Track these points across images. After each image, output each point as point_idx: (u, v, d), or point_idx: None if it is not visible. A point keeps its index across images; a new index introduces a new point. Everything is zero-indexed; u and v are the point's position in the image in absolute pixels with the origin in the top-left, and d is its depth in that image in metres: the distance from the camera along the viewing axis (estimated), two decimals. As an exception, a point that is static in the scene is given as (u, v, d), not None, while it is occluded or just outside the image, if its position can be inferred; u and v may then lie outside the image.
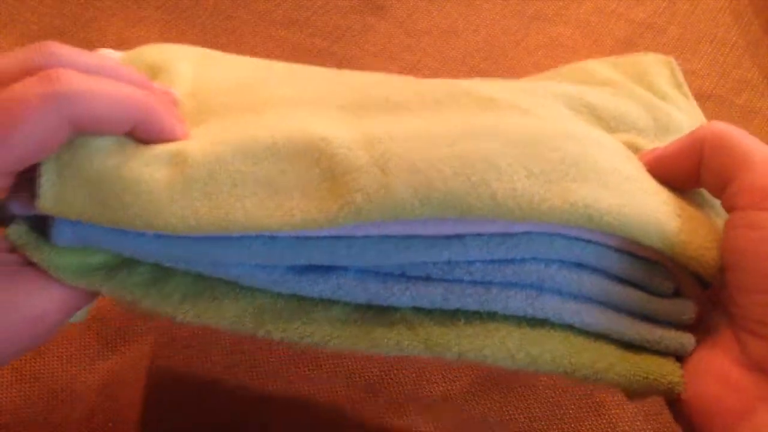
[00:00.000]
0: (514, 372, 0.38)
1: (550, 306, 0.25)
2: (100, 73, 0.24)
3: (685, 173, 0.26)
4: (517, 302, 0.25)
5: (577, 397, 0.37)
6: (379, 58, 0.52)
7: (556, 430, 0.37)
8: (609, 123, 0.30)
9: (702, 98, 0.51)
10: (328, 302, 0.26)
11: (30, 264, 0.25)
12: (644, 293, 0.26)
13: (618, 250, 0.26)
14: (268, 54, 0.51)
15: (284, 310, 0.26)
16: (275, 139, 0.25)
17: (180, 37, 0.51)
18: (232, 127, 0.26)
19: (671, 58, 0.34)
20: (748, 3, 0.57)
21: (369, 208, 0.23)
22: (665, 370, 0.25)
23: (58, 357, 0.37)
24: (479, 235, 0.25)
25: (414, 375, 0.38)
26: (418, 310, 0.26)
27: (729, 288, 0.24)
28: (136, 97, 0.24)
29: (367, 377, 0.37)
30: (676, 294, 0.26)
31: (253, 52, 0.51)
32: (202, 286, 0.26)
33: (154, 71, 0.29)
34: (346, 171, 0.23)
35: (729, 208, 0.25)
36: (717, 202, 0.26)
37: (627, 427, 0.37)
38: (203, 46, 0.52)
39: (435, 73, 0.51)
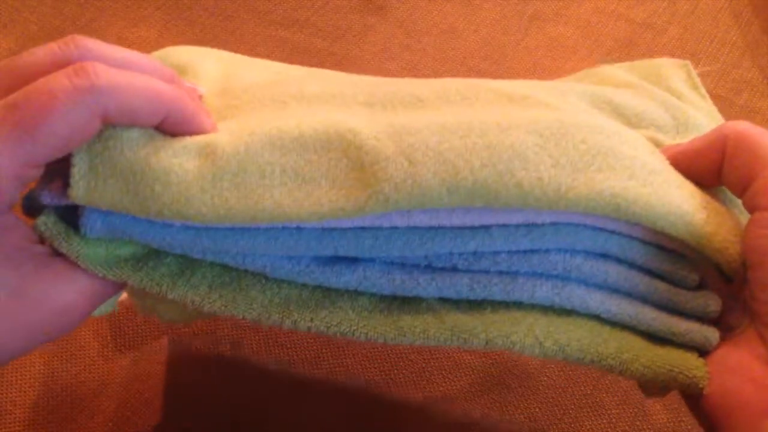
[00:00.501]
0: (518, 370, 0.38)
1: (576, 296, 0.26)
2: (130, 68, 0.24)
3: (707, 170, 0.27)
4: (544, 292, 0.25)
5: (577, 397, 0.37)
6: (379, 58, 0.52)
7: (556, 430, 0.37)
8: (630, 120, 0.30)
9: (702, 98, 0.51)
10: (354, 292, 0.26)
11: (58, 255, 0.25)
12: (669, 285, 0.26)
13: (643, 241, 0.26)
14: (268, 54, 0.51)
15: (310, 300, 0.26)
16: (302, 130, 0.25)
17: (180, 37, 0.51)
18: (260, 120, 0.26)
19: (687, 62, 0.34)
20: (747, 3, 0.57)
21: (397, 197, 0.23)
22: (690, 364, 0.25)
23: (58, 357, 0.37)
24: (505, 225, 0.25)
25: (414, 375, 0.38)
26: (444, 300, 0.26)
27: (751, 286, 0.25)
28: (166, 91, 0.24)
29: (367, 377, 0.37)
30: (700, 287, 0.27)
31: (253, 52, 0.51)
32: (229, 277, 0.26)
33: (180, 72, 0.29)
34: (374, 161, 0.24)
35: (750, 208, 0.25)
36: (739, 201, 0.27)
37: (627, 427, 0.37)
38: (203, 46, 0.52)
39: (435, 73, 0.51)
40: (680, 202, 0.25)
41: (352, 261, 0.26)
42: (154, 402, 0.37)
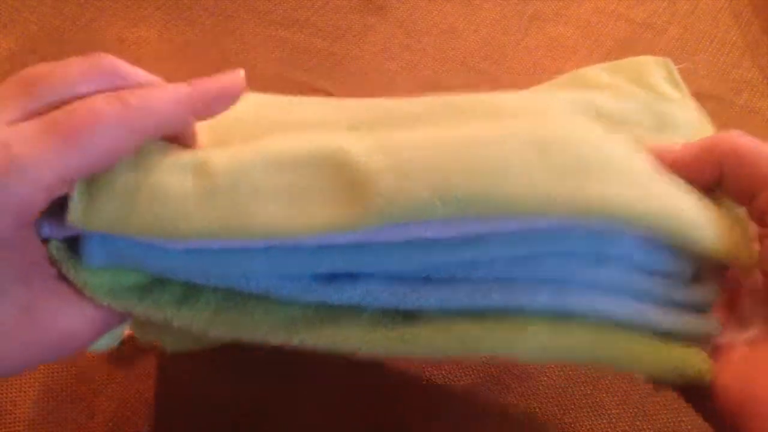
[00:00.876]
0: (518, 370, 0.38)
1: (576, 299, 0.26)
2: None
3: (700, 182, 0.27)
4: (544, 297, 0.26)
5: (577, 397, 0.37)
6: (379, 58, 0.52)
7: (556, 430, 0.37)
8: (614, 121, 0.30)
9: (702, 98, 0.51)
10: (358, 309, 0.26)
11: (66, 279, 0.25)
12: (667, 280, 0.27)
13: (637, 240, 0.26)
14: (268, 54, 0.51)
15: (315, 318, 0.26)
16: (295, 149, 0.25)
17: (180, 37, 0.51)
18: (253, 143, 0.27)
19: (667, 59, 0.34)
20: (747, 3, 0.57)
21: (390, 210, 0.23)
22: (694, 359, 0.25)
23: (58, 357, 0.37)
24: (500, 233, 0.25)
25: (414, 375, 0.38)
26: (447, 311, 0.26)
27: None
28: (185, 94, 0.25)
29: (367, 377, 0.37)
30: (698, 277, 0.27)
31: (254, 52, 0.52)
32: (232, 301, 0.26)
33: None
34: (365, 177, 0.24)
35: (760, 222, 0.26)
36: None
37: (627, 427, 0.37)
38: (203, 46, 0.52)
39: (435, 74, 0.51)
40: (674, 205, 0.25)
41: (353, 277, 0.26)
42: (154, 402, 0.37)
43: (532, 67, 0.52)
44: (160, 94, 0.25)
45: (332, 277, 0.26)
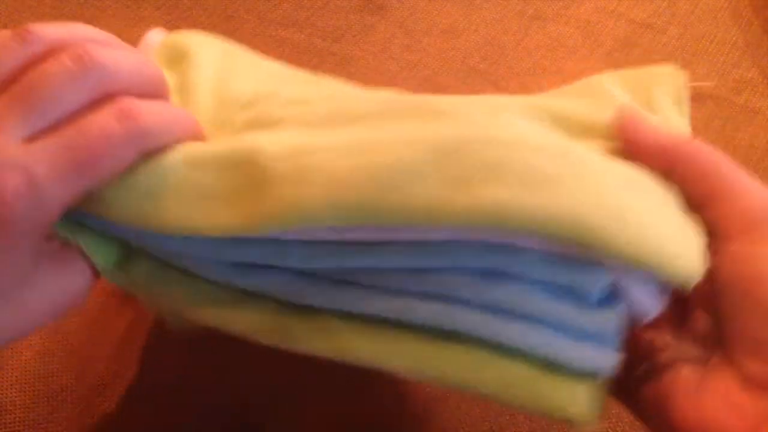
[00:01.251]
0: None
1: (463, 318, 0.25)
2: (153, 92, 0.27)
3: (659, 170, 0.26)
4: (433, 313, 0.25)
5: (577, 397, 0.37)
6: (379, 58, 0.52)
7: (556, 429, 0.37)
8: (573, 129, 0.29)
9: (702, 98, 0.51)
10: (264, 297, 0.27)
11: (65, 248, 0.27)
12: (570, 302, 0.25)
13: (544, 253, 0.24)
14: (268, 54, 0.51)
15: (223, 298, 0.27)
16: (219, 149, 0.26)
17: (180, 37, 0.51)
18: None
19: (680, 72, 0.32)
20: (747, 3, 0.57)
21: (282, 218, 0.24)
22: (571, 399, 0.25)
23: (58, 357, 0.37)
24: (397, 242, 0.25)
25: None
26: (342, 316, 0.27)
27: (722, 315, 0.24)
28: (190, 125, 0.28)
29: (366, 376, 0.37)
30: (614, 293, 0.25)
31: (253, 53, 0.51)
32: (159, 273, 0.28)
33: (179, 58, 0.32)
34: (268, 181, 0.25)
35: (714, 232, 0.25)
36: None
37: (627, 428, 0.37)
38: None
39: (435, 73, 0.51)
40: (596, 210, 0.22)
41: (264, 266, 0.27)
42: (155, 402, 0.37)
43: (532, 67, 0.52)
44: (169, 117, 0.26)
45: (240, 263, 0.27)
